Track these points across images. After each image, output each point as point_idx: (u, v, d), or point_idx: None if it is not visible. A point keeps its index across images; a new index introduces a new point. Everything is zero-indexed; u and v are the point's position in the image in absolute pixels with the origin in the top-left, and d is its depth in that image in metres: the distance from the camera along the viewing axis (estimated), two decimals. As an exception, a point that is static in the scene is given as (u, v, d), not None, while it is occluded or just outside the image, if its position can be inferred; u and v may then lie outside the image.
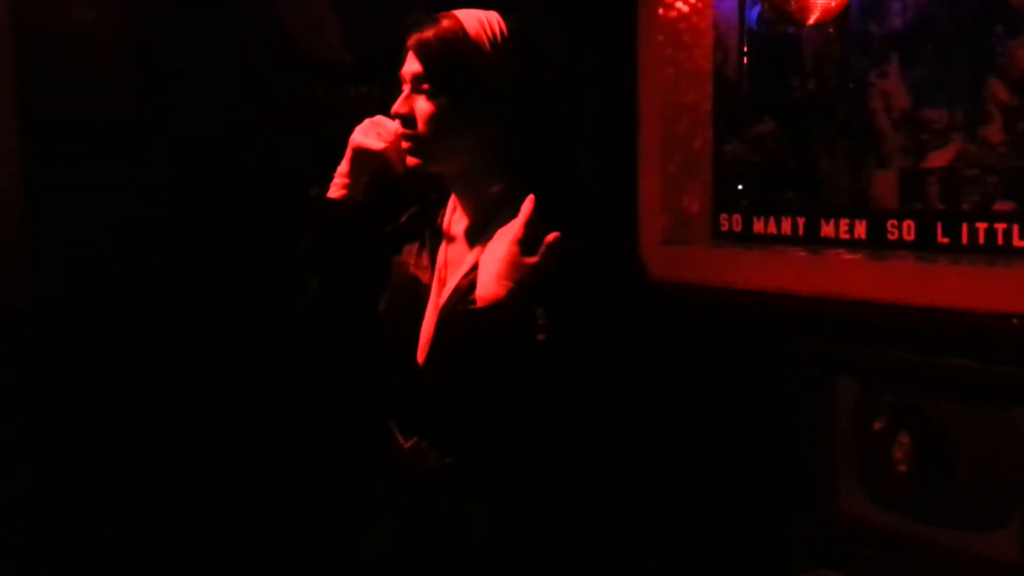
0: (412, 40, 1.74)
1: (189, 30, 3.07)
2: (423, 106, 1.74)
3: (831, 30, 2.72)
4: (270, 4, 3.24)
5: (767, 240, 2.95)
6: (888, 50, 2.62)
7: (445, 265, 1.83)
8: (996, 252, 2.43)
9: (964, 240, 2.48)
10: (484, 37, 1.72)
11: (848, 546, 2.74)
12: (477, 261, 1.73)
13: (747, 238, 3.01)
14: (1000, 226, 2.43)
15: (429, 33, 1.72)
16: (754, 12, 2.96)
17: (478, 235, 1.80)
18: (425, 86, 1.73)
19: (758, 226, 2.98)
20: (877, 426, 2.68)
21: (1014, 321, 2.36)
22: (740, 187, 3.03)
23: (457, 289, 1.78)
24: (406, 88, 1.77)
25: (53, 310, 2.90)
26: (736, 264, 3.01)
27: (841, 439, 2.78)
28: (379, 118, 1.86)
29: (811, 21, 2.66)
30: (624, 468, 3.16)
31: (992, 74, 2.43)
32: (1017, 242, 2.40)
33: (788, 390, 2.88)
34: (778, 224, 2.92)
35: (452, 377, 1.74)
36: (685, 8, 3.12)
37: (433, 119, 1.72)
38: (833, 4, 2.65)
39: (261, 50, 3.22)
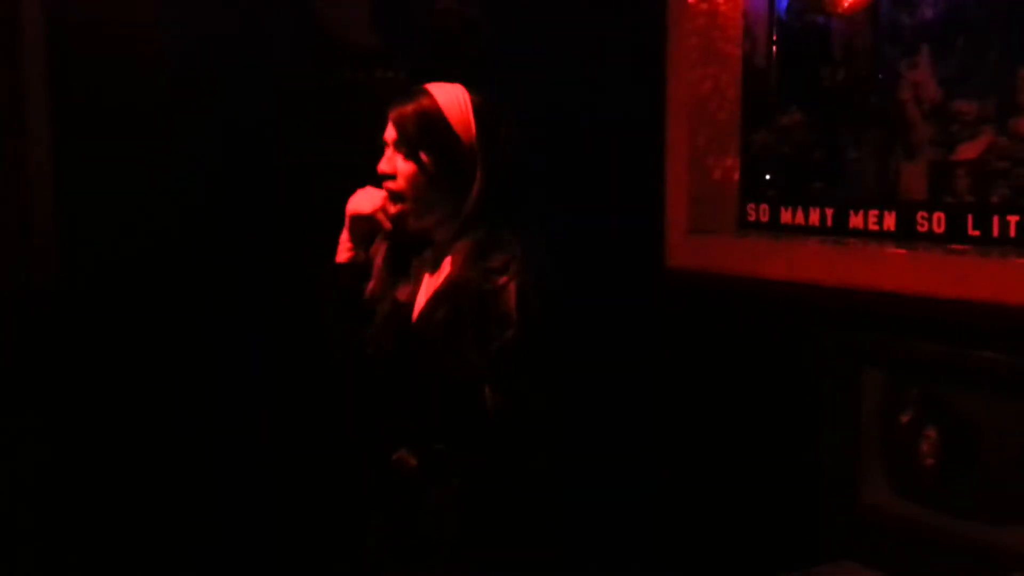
0: (392, 112, 2.11)
1: (218, 16, 3.08)
2: (402, 166, 2.11)
3: (861, 20, 2.69)
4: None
5: (794, 231, 2.93)
6: (919, 40, 2.59)
7: (423, 297, 2.18)
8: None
9: (995, 233, 2.46)
10: (451, 107, 2.09)
11: (872, 538, 2.73)
12: (435, 290, 2.13)
13: (774, 228, 2.99)
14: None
15: (407, 108, 2.10)
16: (783, 1, 2.94)
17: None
18: (403, 149, 2.11)
19: (785, 216, 2.96)
20: (904, 419, 2.66)
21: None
22: (768, 177, 3.02)
23: (421, 314, 2.14)
24: (388, 150, 2.14)
25: (82, 294, 2.93)
26: (763, 254, 2.99)
27: (867, 431, 2.76)
28: (368, 188, 2.20)
29: (842, 10, 2.64)
30: (647, 457, 3.19)
31: (1024, 66, 2.40)
32: (1048, 235, 2.38)
33: (814, 381, 2.86)
34: (806, 214, 2.90)
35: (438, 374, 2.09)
36: (715, -3, 3.10)
37: (411, 176, 2.11)
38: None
39: (289, 34, 3.24)
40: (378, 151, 2.17)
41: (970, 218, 2.51)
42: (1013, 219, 2.43)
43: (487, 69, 2.43)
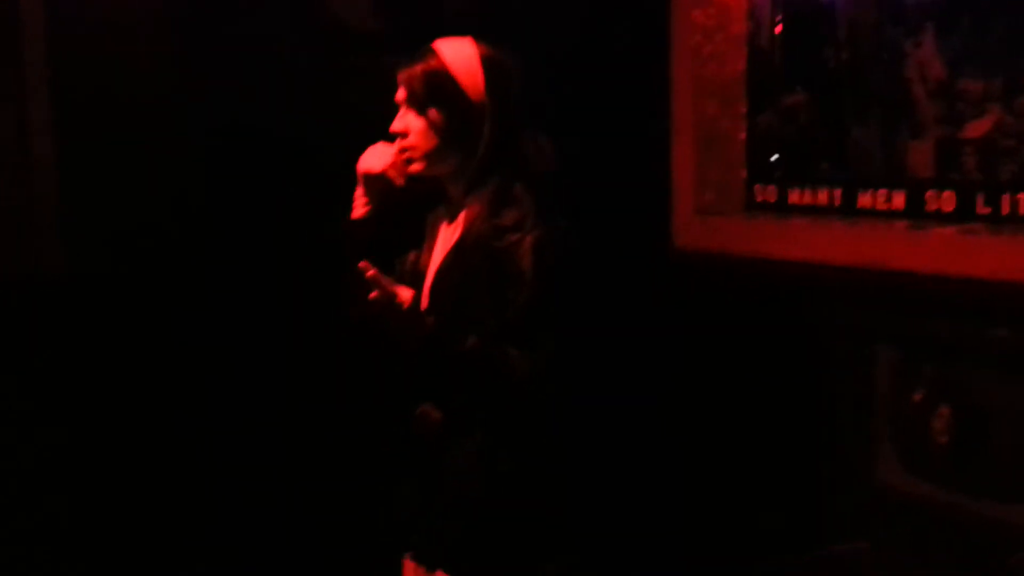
0: (401, 73, 2.17)
1: (220, 2, 3.08)
2: (413, 123, 2.17)
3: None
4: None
5: (803, 211, 2.92)
6: (923, 19, 2.56)
7: (438, 254, 2.22)
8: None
9: (1005, 211, 2.45)
10: (458, 64, 2.13)
11: (885, 517, 2.74)
12: (449, 249, 2.17)
13: (782, 208, 2.98)
14: (1041, 197, 2.39)
15: (414, 68, 2.15)
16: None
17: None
18: (413, 107, 2.16)
19: (793, 196, 2.95)
20: (916, 397, 2.67)
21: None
22: (774, 158, 3.01)
23: (436, 274, 2.18)
24: (401, 110, 2.19)
25: (87, 280, 2.95)
26: (771, 234, 2.97)
27: (879, 410, 2.76)
28: (378, 144, 2.26)
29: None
30: (657, 439, 3.20)
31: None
32: (1059, 213, 2.36)
33: (825, 361, 2.87)
34: (814, 194, 2.89)
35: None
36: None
37: (421, 132, 2.16)
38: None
39: (292, 19, 3.23)
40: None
41: (980, 197, 2.50)
42: (1023, 197, 2.41)
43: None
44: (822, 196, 2.87)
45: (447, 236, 2.22)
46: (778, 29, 2.95)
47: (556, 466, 2.18)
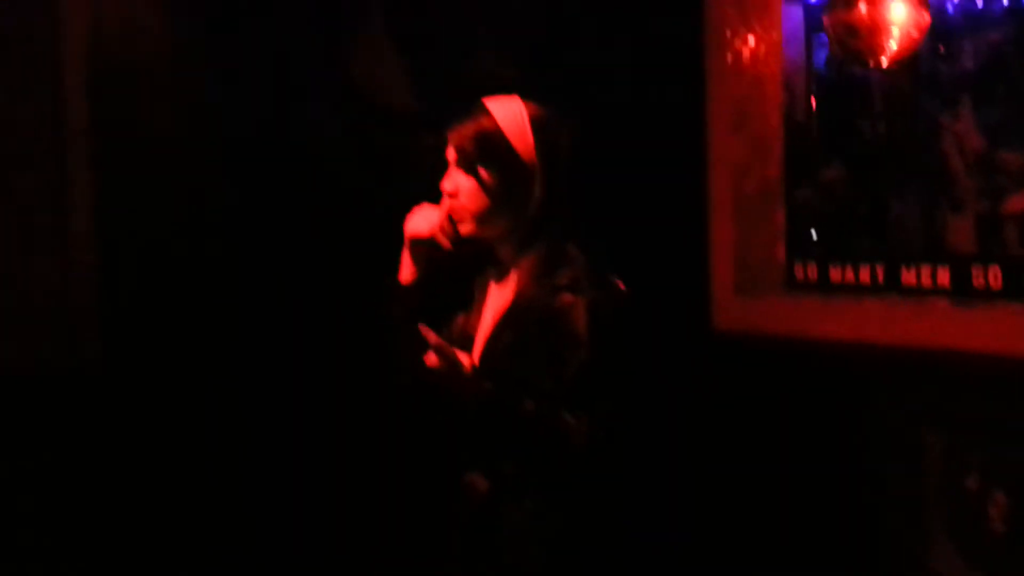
0: (452, 133, 2.13)
1: (260, 81, 3.12)
2: (463, 182, 2.12)
3: (900, 71, 2.61)
4: (339, 54, 3.28)
5: (844, 289, 2.84)
6: (959, 91, 2.52)
7: (489, 316, 2.18)
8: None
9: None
10: (509, 124, 2.10)
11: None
12: (502, 310, 2.12)
13: (824, 287, 2.90)
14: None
15: (466, 127, 2.11)
16: (821, 54, 2.88)
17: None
18: (463, 166, 2.11)
19: (835, 274, 2.87)
20: (970, 484, 2.55)
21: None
22: (814, 234, 2.93)
23: (490, 335, 2.12)
24: (450, 168, 2.15)
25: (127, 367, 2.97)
26: (813, 314, 2.90)
27: (931, 496, 2.65)
28: (424, 206, 2.21)
29: (883, 63, 2.55)
30: (700, 526, 3.09)
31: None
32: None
33: (872, 444, 2.76)
34: (856, 272, 2.81)
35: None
36: (753, 53, 3.04)
37: (471, 192, 2.11)
38: (904, 44, 2.54)
39: (329, 99, 3.26)
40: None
41: (1026, 272, 2.41)
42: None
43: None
44: (864, 273, 2.79)
45: (497, 297, 2.17)
46: (813, 101, 2.90)
47: (611, 529, 2.12)
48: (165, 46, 3.06)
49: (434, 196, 2.23)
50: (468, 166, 2.10)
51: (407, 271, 2.24)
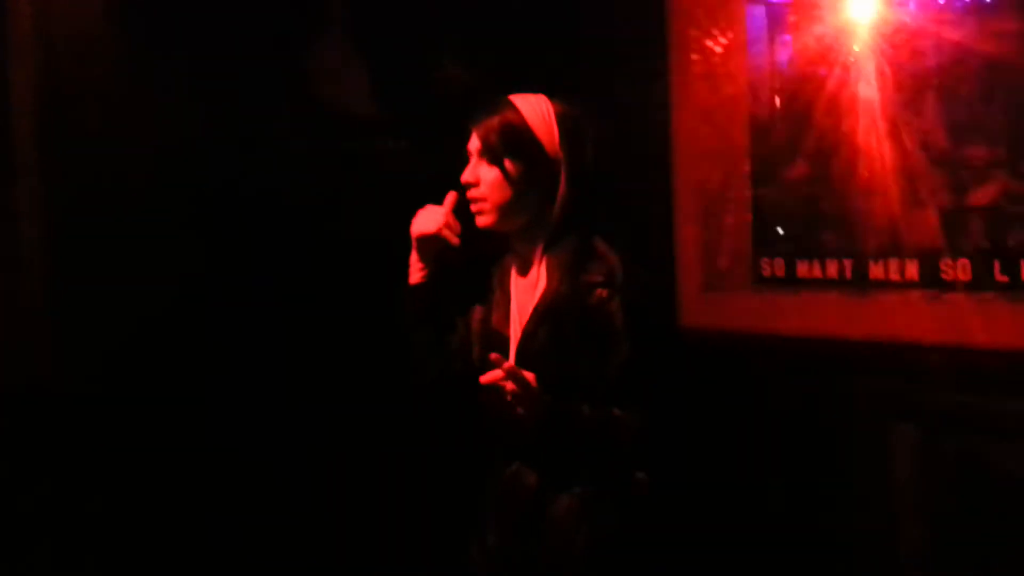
0: (476, 125, 2.15)
1: (211, 88, 3.05)
2: (486, 173, 2.13)
3: (864, 69, 2.65)
4: (296, 58, 3.23)
5: (812, 284, 2.86)
6: (924, 88, 2.55)
7: (518, 313, 2.18)
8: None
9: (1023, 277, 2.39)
10: (535, 118, 2.13)
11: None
12: (535, 308, 2.11)
13: (791, 282, 2.92)
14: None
15: (491, 120, 2.12)
16: (784, 52, 2.90)
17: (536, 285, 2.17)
18: (487, 157, 2.13)
19: (802, 269, 2.89)
20: (940, 475, 2.57)
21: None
22: (780, 231, 2.95)
23: (524, 334, 2.12)
24: (472, 160, 2.16)
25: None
26: (781, 310, 2.91)
27: (900, 488, 2.67)
28: (428, 206, 2.21)
29: (843, 59, 2.60)
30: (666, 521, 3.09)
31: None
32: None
33: (842, 438, 2.77)
34: (823, 267, 2.83)
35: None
36: (718, 51, 3.05)
37: (494, 183, 2.12)
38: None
39: (288, 107, 3.21)
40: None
41: (996, 264, 2.44)
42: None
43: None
44: (831, 268, 2.81)
45: (524, 294, 2.17)
46: (777, 101, 2.92)
47: (656, 516, 2.19)
48: (118, 57, 2.96)
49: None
50: (493, 157, 2.12)
51: (416, 272, 2.25)
